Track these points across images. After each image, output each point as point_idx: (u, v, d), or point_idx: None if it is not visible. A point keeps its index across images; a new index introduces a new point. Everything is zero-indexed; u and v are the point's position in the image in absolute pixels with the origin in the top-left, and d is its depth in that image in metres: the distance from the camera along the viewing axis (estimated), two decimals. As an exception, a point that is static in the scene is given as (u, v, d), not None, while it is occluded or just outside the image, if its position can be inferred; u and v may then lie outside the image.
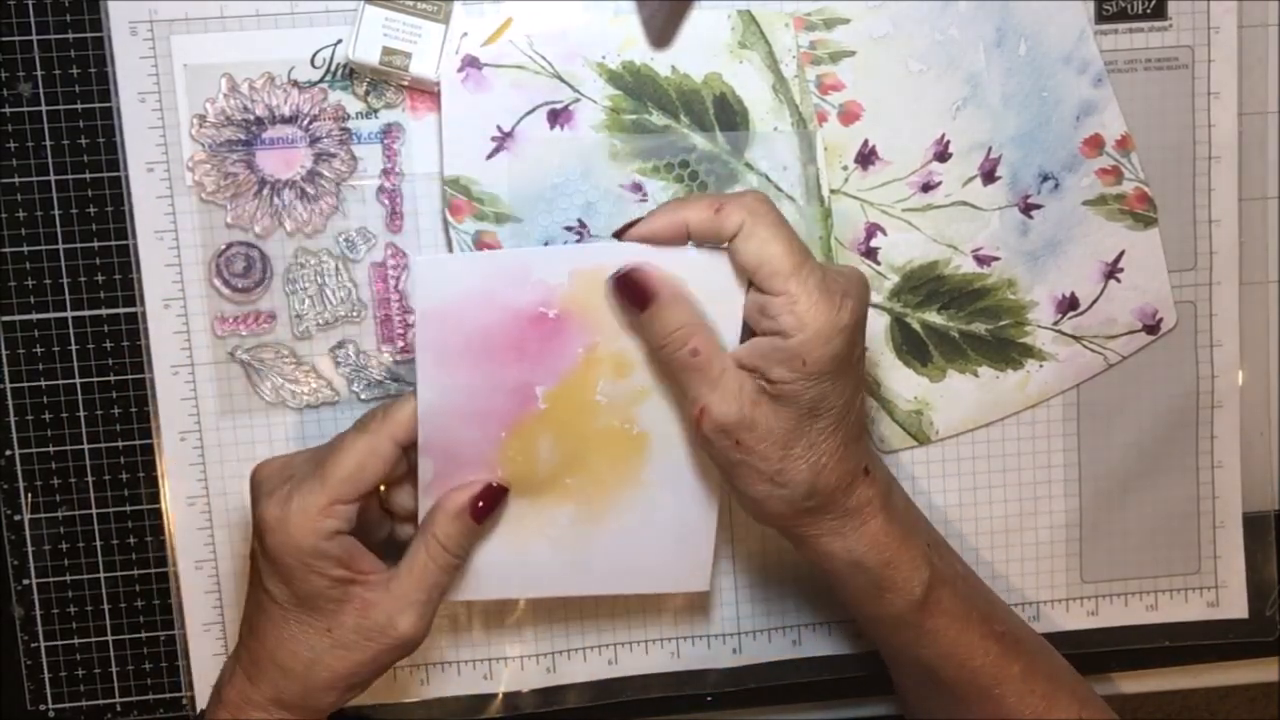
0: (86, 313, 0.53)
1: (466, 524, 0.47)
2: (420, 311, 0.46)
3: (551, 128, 0.52)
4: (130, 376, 0.54)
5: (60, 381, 0.53)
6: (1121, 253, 0.56)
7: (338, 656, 0.47)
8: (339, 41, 0.52)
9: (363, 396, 0.54)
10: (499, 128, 0.52)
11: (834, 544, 0.47)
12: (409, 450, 0.47)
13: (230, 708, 0.48)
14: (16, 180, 0.52)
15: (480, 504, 0.47)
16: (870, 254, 0.55)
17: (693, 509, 0.50)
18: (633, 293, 0.45)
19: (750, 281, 0.44)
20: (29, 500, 0.54)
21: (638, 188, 0.53)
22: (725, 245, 0.45)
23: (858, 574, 0.47)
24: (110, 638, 0.55)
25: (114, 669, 0.55)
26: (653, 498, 0.49)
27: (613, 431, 0.48)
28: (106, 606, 0.55)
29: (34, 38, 0.51)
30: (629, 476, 0.49)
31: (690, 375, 0.45)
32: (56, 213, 0.52)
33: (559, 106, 0.52)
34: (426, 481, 0.48)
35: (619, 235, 0.46)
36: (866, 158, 0.54)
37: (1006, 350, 0.56)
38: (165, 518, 0.54)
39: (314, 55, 0.52)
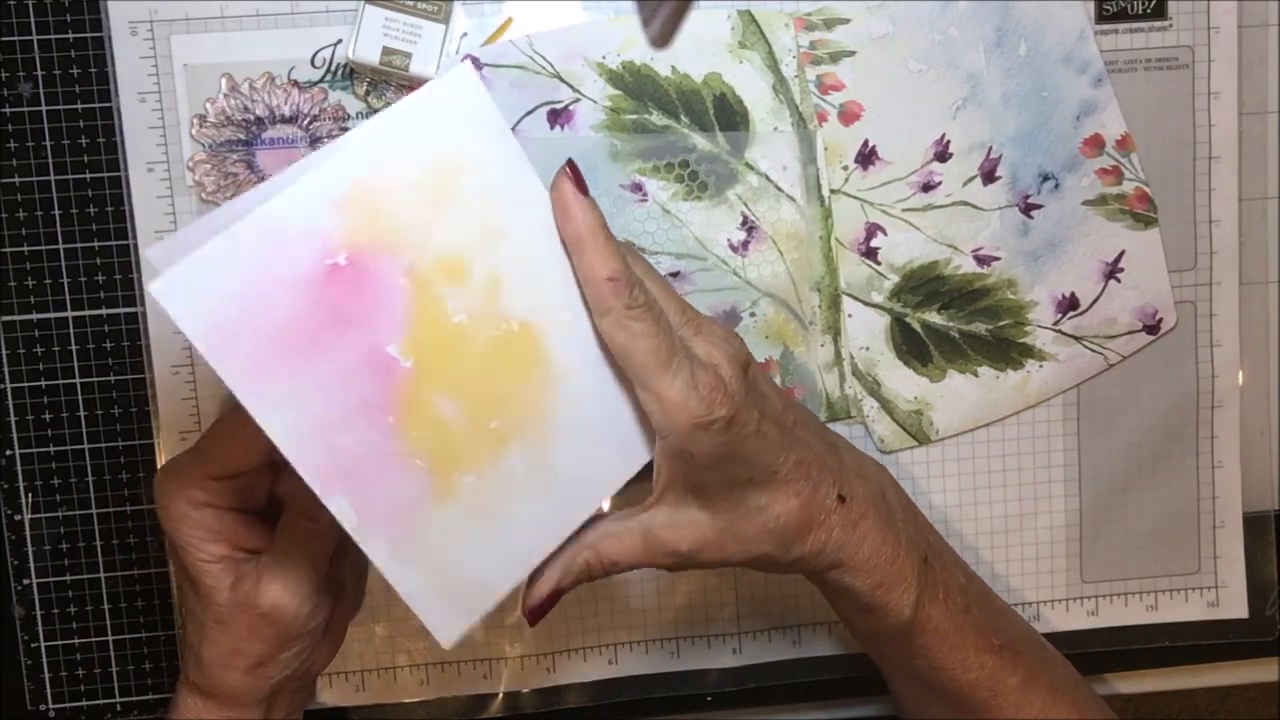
0: (86, 313, 0.53)
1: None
2: (195, 340, 0.37)
3: (551, 128, 0.52)
4: (130, 376, 0.54)
5: (60, 381, 0.53)
6: (1121, 253, 0.56)
7: (221, 631, 0.45)
8: (339, 41, 0.52)
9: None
10: (499, 128, 0.52)
11: (823, 575, 0.46)
12: None
13: (175, 707, 0.48)
14: (16, 180, 0.52)
15: None
16: (870, 254, 0.55)
17: (609, 364, 0.44)
18: None
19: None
20: (29, 500, 0.54)
21: (638, 188, 0.53)
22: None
23: (846, 596, 0.47)
24: (110, 638, 0.55)
25: (114, 669, 0.55)
26: (574, 385, 0.43)
27: (494, 344, 0.42)
28: (106, 606, 0.55)
29: (34, 38, 0.51)
30: (540, 379, 0.43)
31: (635, 568, 0.45)
32: (56, 213, 0.52)
33: (559, 106, 0.52)
34: (355, 526, 0.40)
35: None
36: (866, 158, 0.54)
37: (1006, 350, 0.56)
38: (165, 518, 0.54)
39: (314, 55, 0.52)
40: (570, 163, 0.43)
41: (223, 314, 0.38)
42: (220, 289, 0.37)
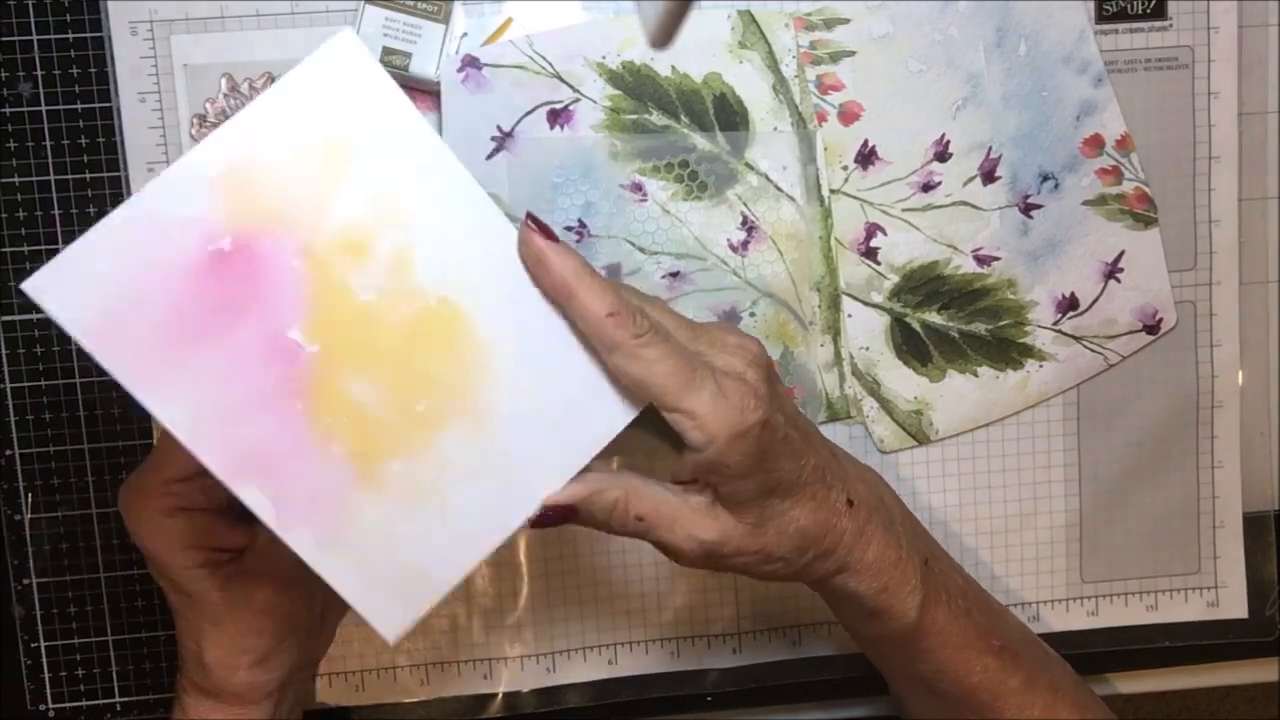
0: (86, 313, 0.53)
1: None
2: (76, 335, 0.37)
3: (551, 128, 0.52)
4: (130, 376, 0.54)
5: (60, 381, 0.53)
6: (1121, 253, 0.56)
7: (219, 632, 0.45)
8: (339, 41, 0.52)
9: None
10: (499, 128, 0.52)
11: (829, 580, 0.46)
12: None
13: (180, 710, 0.47)
14: (16, 180, 0.52)
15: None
16: (870, 254, 0.55)
17: (555, 335, 0.41)
18: None
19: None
20: (29, 500, 0.54)
21: (638, 188, 0.53)
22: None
23: (851, 601, 0.47)
24: (110, 638, 0.55)
25: (114, 669, 0.55)
26: (511, 357, 0.41)
27: (412, 321, 0.40)
28: (106, 606, 0.55)
29: (34, 38, 0.51)
30: (469, 355, 0.40)
31: (651, 537, 0.43)
32: (56, 213, 0.52)
33: (559, 106, 0.52)
34: (272, 517, 0.38)
35: None
36: (866, 158, 0.54)
37: (1006, 350, 0.56)
38: (165, 518, 0.54)
39: (314, 55, 0.52)
40: (530, 215, 0.41)
41: (103, 307, 0.36)
42: (98, 282, 0.36)
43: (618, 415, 0.42)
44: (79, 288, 0.37)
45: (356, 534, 0.40)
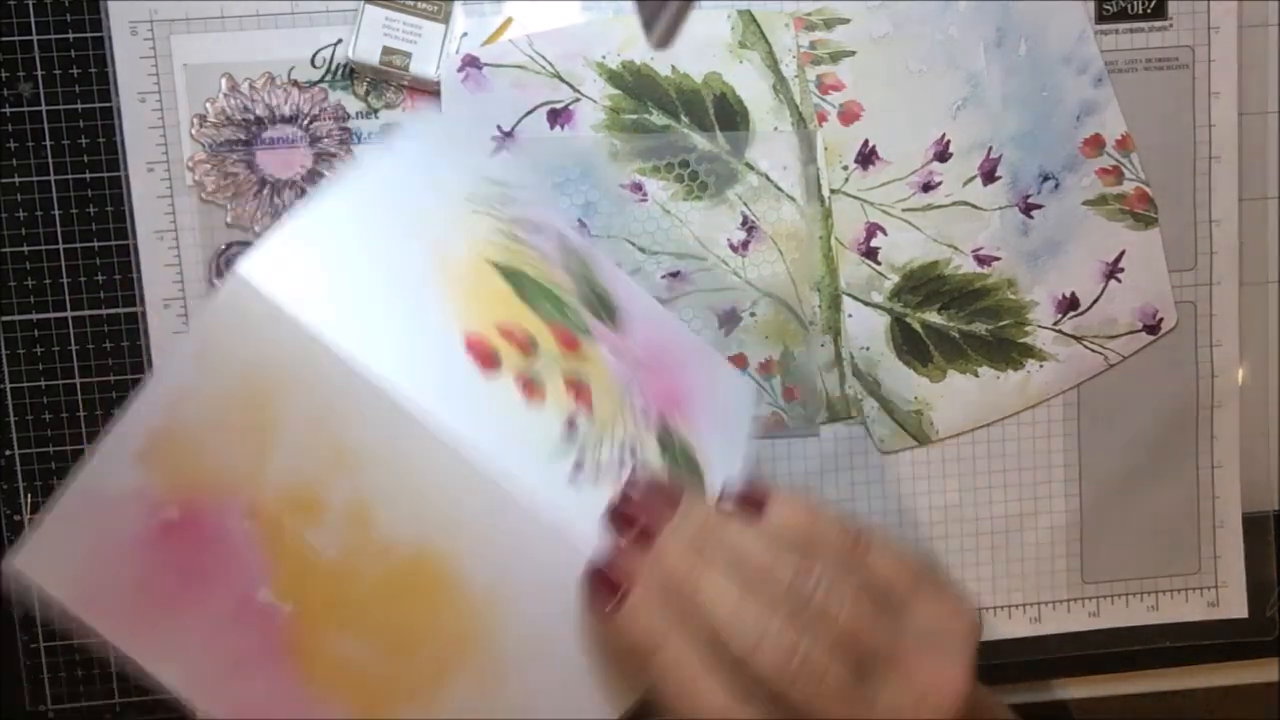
0: (86, 313, 0.53)
1: None
2: (68, 605, 0.37)
3: (551, 128, 0.52)
4: (130, 376, 0.54)
5: (60, 381, 0.53)
6: (1122, 253, 0.56)
7: None
8: (339, 41, 0.52)
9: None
10: (499, 128, 0.52)
11: None
12: None
13: None
14: (16, 180, 0.52)
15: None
16: (870, 254, 0.55)
17: (554, 569, 0.37)
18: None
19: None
20: (29, 500, 0.54)
21: (638, 188, 0.53)
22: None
23: None
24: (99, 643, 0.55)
25: (114, 669, 0.55)
26: (505, 610, 0.37)
27: (388, 576, 0.37)
28: (106, 607, 0.55)
29: (34, 38, 0.51)
30: (462, 604, 0.37)
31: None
32: (56, 213, 0.52)
33: (559, 106, 0.52)
34: None
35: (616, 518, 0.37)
36: (866, 158, 0.54)
37: (1007, 350, 0.56)
38: (165, 518, 0.54)
39: (314, 55, 0.52)
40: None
41: (83, 578, 0.36)
42: (73, 555, 0.36)
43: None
44: (59, 560, 0.36)
45: None
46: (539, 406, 0.38)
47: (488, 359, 0.38)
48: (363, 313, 0.36)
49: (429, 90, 0.52)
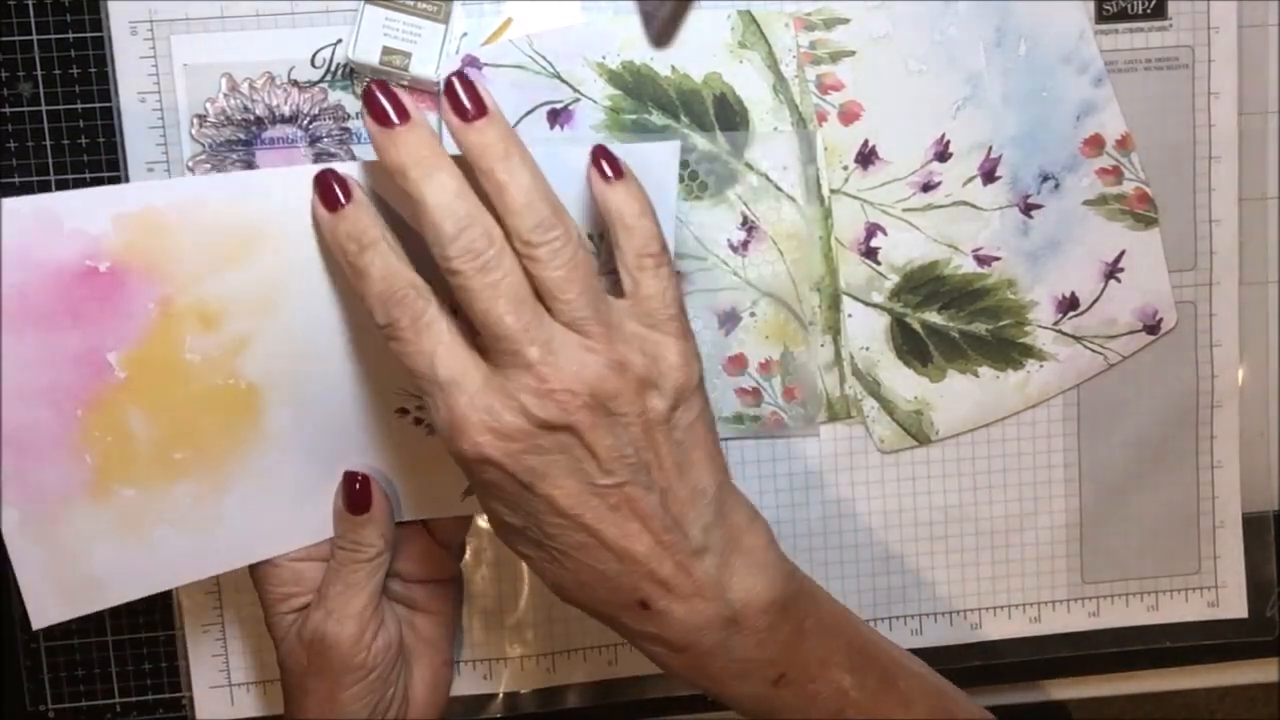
0: (86, 313, 0.53)
1: (350, 521, 0.47)
2: None
3: (551, 128, 0.52)
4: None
5: (60, 381, 0.53)
6: (1122, 253, 0.56)
7: (287, 677, 0.48)
8: (339, 41, 0.52)
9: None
10: (499, 128, 0.52)
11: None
12: None
13: None
14: (16, 180, 0.52)
15: (350, 500, 0.47)
16: (870, 254, 0.55)
17: (320, 452, 0.46)
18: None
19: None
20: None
21: (638, 188, 0.53)
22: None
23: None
24: (110, 638, 0.55)
25: (114, 669, 0.55)
26: (275, 453, 0.45)
27: (215, 391, 0.43)
28: (106, 606, 0.55)
29: (34, 38, 0.51)
30: (245, 436, 0.44)
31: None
32: (56, 213, 0.52)
33: (559, 106, 0.52)
34: (7, 474, 0.42)
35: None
36: (866, 158, 0.54)
37: (1007, 350, 0.56)
38: (165, 518, 0.54)
39: (314, 55, 0.52)
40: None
41: None
42: None
43: (325, 529, 0.47)
44: None
45: (59, 530, 0.43)
46: None
47: None
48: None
49: (429, 90, 0.52)
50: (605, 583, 0.41)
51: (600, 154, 0.41)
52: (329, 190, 0.41)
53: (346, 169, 0.42)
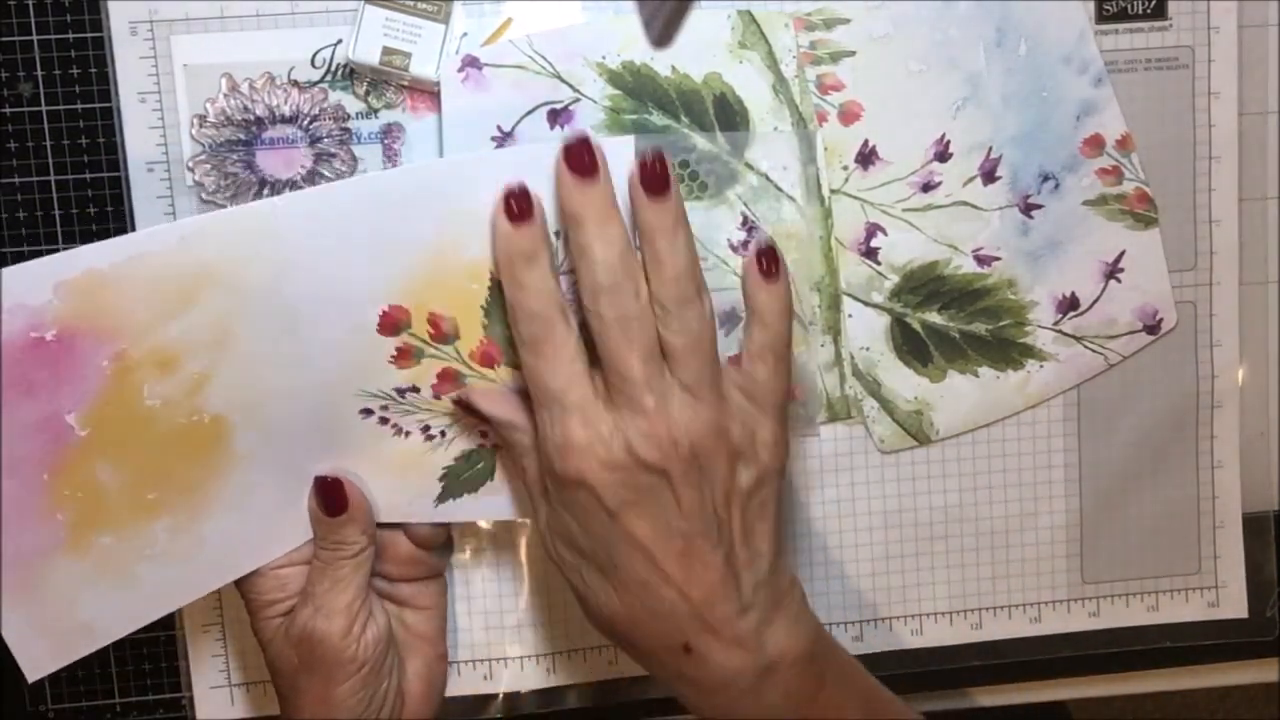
0: (86, 313, 0.53)
1: (329, 524, 0.47)
2: None
3: (551, 128, 0.52)
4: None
5: (60, 381, 0.53)
6: (1122, 253, 0.56)
7: (278, 680, 0.49)
8: (339, 41, 0.52)
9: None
10: (499, 128, 0.52)
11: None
12: None
13: None
14: (16, 180, 0.52)
15: (325, 503, 0.47)
16: (870, 254, 0.55)
17: (292, 463, 0.47)
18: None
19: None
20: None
21: (638, 188, 0.53)
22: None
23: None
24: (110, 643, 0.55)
25: (114, 669, 0.55)
26: (247, 472, 0.46)
27: (180, 429, 0.44)
28: (106, 607, 0.55)
29: (34, 38, 0.51)
30: (215, 463, 0.45)
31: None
32: (56, 213, 0.52)
33: (559, 106, 0.52)
34: None
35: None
36: (866, 158, 0.54)
37: (1007, 350, 0.56)
38: (165, 518, 0.54)
39: (314, 55, 0.52)
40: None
41: None
42: None
43: (299, 534, 0.48)
44: None
45: (40, 589, 0.44)
46: (401, 366, 0.46)
47: (391, 327, 0.46)
48: (321, 244, 0.44)
49: (429, 90, 0.52)
50: (656, 621, 0.43)
51: (764, 254, 0.45)
52: (518, 203, 0.43)
53: (522, 158, 0.44)
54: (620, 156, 0.44)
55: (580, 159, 0.43)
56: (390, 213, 0.44)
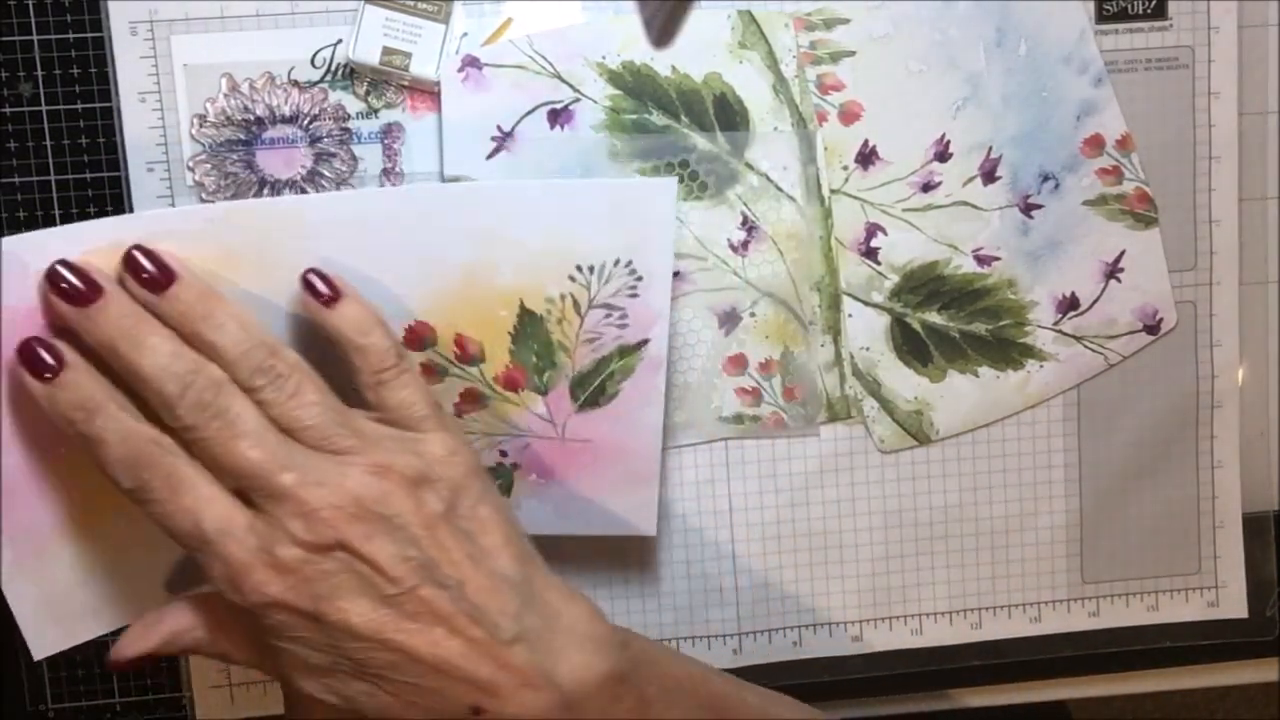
0: (86, 313, 0.53)
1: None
2: None
3: (551, 128, 0.52)
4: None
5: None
6: (1122, 253, 0.56)
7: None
8: (339, 41, 0.52)
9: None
10: (499, 128, 0.52)
11: None
12: None
13: None
14: (16, 180, 0.52)
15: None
16: (870, 254, 0.55)
17: None
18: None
19: None
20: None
21: (638, 188, 0.53)
22: None
23: None
24: (110, 638, 0.55)
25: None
26: None
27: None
28: (106, 607, 0.55)
29: (34, 38, 0.51)
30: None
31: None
32: (56, 212, 0.52)
33: (559, 106, 0.52)
34: None
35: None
36: (866, 158, 0.54)
37: (1007, 350, 0.56)
38: (165, 518, 0.54)
39: (314, 55, 0.52)
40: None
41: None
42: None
43: None
44: None
45: (53, 566, 0.43)
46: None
47: (415, 343, 0.46)
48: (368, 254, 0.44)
49: (429, 90, 0.52)
50: (430, 697, 0.38)
51: (313, 275, 0.41)
52: (36, 360, 0.38)
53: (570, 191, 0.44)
54: (664, 197, 0.44)
55: (64, 287, 0.38)
56: (426, 229, 0.44)
